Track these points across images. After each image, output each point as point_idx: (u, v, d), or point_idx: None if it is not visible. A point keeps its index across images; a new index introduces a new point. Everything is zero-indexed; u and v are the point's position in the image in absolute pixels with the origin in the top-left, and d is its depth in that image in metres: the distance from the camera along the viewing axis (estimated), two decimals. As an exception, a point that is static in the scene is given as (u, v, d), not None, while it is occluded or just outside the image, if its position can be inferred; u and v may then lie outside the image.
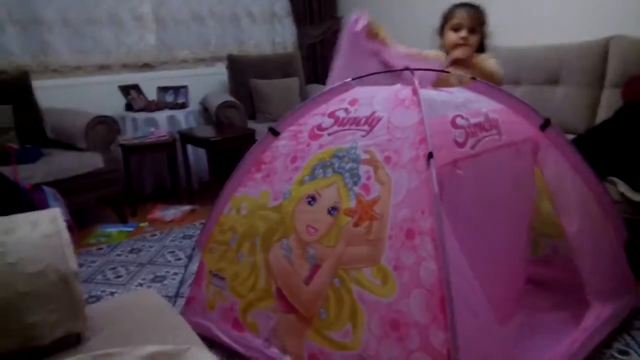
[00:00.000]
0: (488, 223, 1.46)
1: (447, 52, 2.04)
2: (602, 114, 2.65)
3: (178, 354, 0.85)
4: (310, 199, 1.51)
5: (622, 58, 2.64)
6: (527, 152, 1.61)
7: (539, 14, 3.05)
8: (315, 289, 1.42)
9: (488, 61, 1.98)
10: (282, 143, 1.68)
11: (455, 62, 1.99)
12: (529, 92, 2.95)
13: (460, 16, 1.99)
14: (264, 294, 1.57)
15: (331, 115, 1.60)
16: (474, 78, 1.66)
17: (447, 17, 2.04)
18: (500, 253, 1.53)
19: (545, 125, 1.61)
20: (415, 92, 1.46)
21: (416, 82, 1.48)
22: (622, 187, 2.08)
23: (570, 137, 2.30)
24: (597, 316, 1.67)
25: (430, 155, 1.29)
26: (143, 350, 0.85)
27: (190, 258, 1.88)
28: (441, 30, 2.06)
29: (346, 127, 1.53)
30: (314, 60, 4.66)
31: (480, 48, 2.04)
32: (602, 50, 2.73)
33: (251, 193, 1.69)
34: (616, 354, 1.68)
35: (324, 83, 4.22)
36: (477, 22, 1.99)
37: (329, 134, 1.56)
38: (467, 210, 1.39)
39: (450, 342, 1.15)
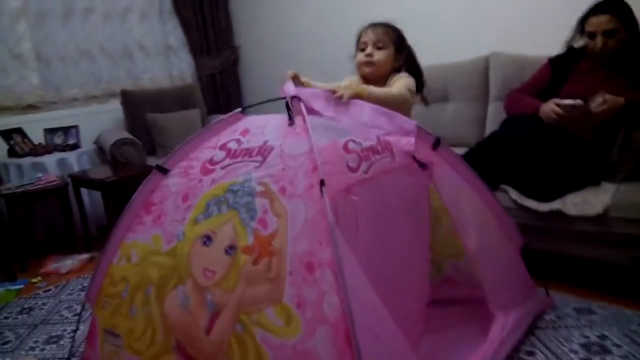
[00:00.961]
0: (388, 246, 1.45)
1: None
2: (490, 126, 2.82)
3: None
4: (205, 239, 1.40)
5: (502, 73, 2.84)
6: (420, 172, 1.61)
7: (422, 36, 3.22)
8: (217, 339, 1.31)
9: (397, 82, 1.94)
10: (172, 181, 1.57)
11: (367, 82, 1.94)
12: (422, 110, 3.07)
13: (365, 34, 1.99)
14: (163, 349, 1.42)
15: (222, 147, 1.53)
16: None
17: (357, 40, 2.04)
18: (403, 274, 1.52)
19: (436, 144, 1.62)
20: (304, 118, 1.43)
21: (303, 108, 1.46)
22: (514, 194, 2.21)
23: (464, 150, 2.42)
24: (503, 326, 1.71)
25: (322, 183, 1.26)
26: None
27: (80, 314, 1.71)
28: (355, 55, 2.05)
29: (239, 160, 1.46)
30: (215, 90, 4.58)
31: (409, 69, 2.01)
32: (483, 67, 2.92)
33: (141, 238, 1.55)
34: (523, 356, 1.73)
35: (226, 113, 4.17)
36: (386, 38, 1.97)
37: (222, 168, 1.48)
38: (366, 235, 1.37)
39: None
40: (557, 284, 2.16)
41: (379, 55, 1.96)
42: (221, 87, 4.60)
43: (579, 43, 2.39)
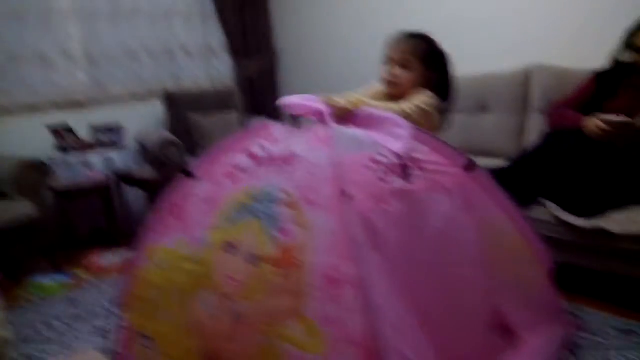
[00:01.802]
0: (423, 263, 1.41)
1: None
2: (530, 139, 2.81)
3: None
4: (229, 247, 1.39)
5: (543, 85, 2.82)
6: (452, 192, 1.55)
7: (464, 45, 3.23)
8: (240, 347, 1.30)
9: (412, 98, 1.81)
10: (199, 186, 1.58)
11: (391, 99, 1.89)
12: (461, 120, 3.08)
13: (391, 49, 1.86)
14: (189, 354, 1.43)
15: (249, 154, 1.54)
16: None
17: (386, 49, 1.92)
18: (442, 294, 1.46)
19: (469, 166, 1.58)
20: (330, 129, 1.44)
21: (330, 119, 1.46)
22: (554, 209, 2.20)
23: (502, 162, 2.42)
24: (530, 348, 1.67)
25: (346, 194, 1.24)
26: None
27: (115, 313, 1.77)
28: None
29: (264, 167, 1.46)
30: (253, 93, 4.66)
31: (439, 85, 1.86)
32: (524, 79, 2.91)
33: (168, 243, 1.56)
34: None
35: (263, 116, 4.25)
36: (412, 55, 1.83)
37: (247, 174, 1.48)
38: (395, 250, 1.34)
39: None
40: (596, 302, 2.14)
41: (403, 76, 1.84)
42: (259, 90, 4.68)
43: (626, 57, 2.36)
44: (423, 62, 1.84)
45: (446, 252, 1.51)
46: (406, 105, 1.75)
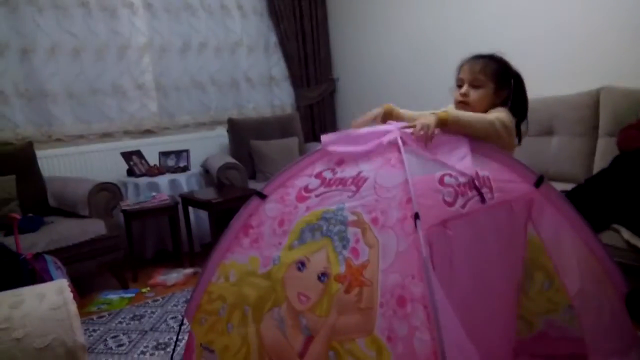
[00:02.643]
0: (482, 285, 1.41)
1: None
2: (599, 162, 2.69)
3: None
4: (299, 265, 1.45)
5: (613, 108, 2.71)
6: (520, 210, 1.55)
7: (529, 67, 3.17)
8: None
9: (496, 114, 1.74)
10: (270, 206, 1.62)
11: None
12: (526, 144, 2.99)
13: (463, 70, 1.83)
14: None
15: (318, 176, 1.57)
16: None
17: (457, 73, 1.88)
18: (494, 315, 1.47)
19: (539, 182, 1.55)
20: (399, 150, 1.44)
21: (399, 140, 1.46)
22: (626, 234, 2.08)
23: (570, 186, 2.33)
24: None
25: (416, 216, 1.25)
26: None
27: (180, 327, 1.81)
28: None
29: (333, 188, 1.49)
30: (312, 120, 4.77)
31: (512, 104, 1.80)
32: (594, 101, 2.80)
33: (239, 259, 1.62)
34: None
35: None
36: (484, 75, 1.79)
37: (316, 196, 1.51)
38: (460, 272, 1.34)
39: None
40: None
41: (474, 95, 1.80)
42: (318, 117, 4.78)
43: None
44: (494, 80, 1.79)
45: (495, 270, 1.49)
46: (494, 116, 1.70)
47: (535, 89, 2.91)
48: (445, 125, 1.55)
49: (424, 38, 3.94)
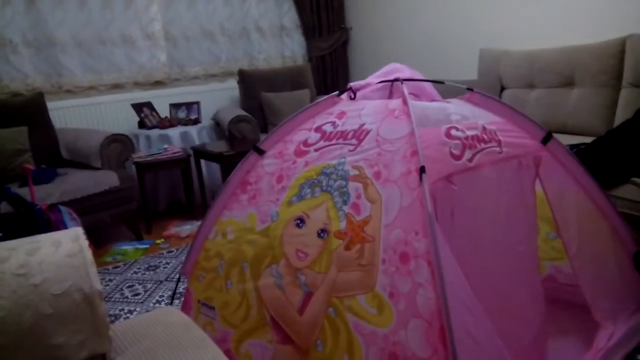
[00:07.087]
0: (488, 241, 1.36)
1: None
2: (621, 114, 2.61)
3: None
4: (298, 221, 1.41)
5: (638, 57, 2.60)
6: (529, 166, 1.49)
7: (551, 17, 3.03)
8: (310, 319, 1.32)
9: None
10: (268, 162, 1.58)
11: None
12: (544, 96, 2.91)
13: None
14: (258, 324, 1.46)
15: (318, 129, 1.52)
16: (470, 89, 1.55)
17: None
18: (510, 272, 1.42)
19: (547, 138, 1.51)
20: (405, 102, 1.38)
21: (405, 92, 1.41)
22: (646, 188, 2.03)
23: (589, 139, 2.27)
24: (610, 336, 1.57)
25: (422, 170, 1.20)
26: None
27: (177, 283, 1.87)
28: None
29: (333, 142, 1.44)
30: (324, 71, 4.66)
31: None
32: (618, 50, 2.68)
33: (237, 216, 1.59)
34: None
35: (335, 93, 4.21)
36: None
37: (316, 150, 1.47)
38: (462, 227, 1.30)
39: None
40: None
41: None
42: (330, 68, 4.67)
43: None
44: None
45: (508, 231, 1.45)
46: None
47: (556, 39, 2.81)
48: None
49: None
